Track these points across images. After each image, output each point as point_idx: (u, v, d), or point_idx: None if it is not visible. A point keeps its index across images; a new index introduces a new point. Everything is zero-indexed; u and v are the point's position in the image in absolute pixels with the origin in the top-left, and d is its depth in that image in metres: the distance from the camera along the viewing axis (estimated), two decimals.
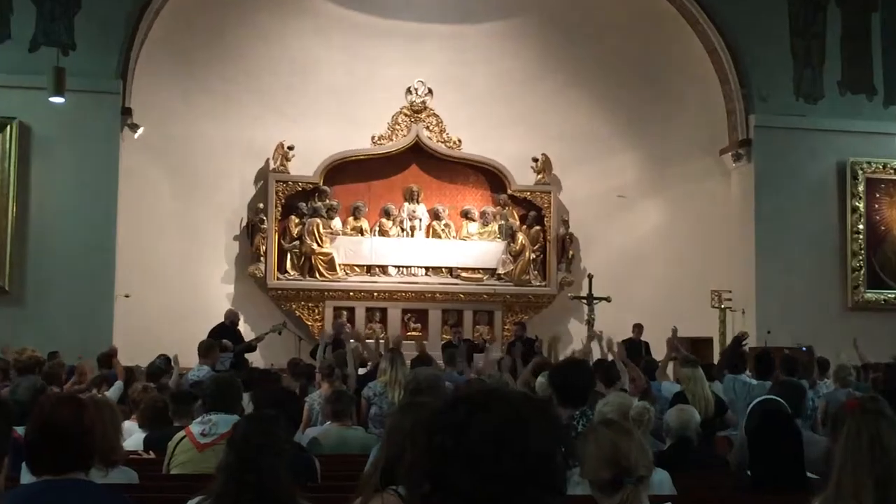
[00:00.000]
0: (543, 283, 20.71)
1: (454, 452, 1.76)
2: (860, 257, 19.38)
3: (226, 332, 16.23)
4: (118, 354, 12.89)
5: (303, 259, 19.81)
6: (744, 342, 13.29)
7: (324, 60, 20.28)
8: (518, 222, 20.81)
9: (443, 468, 1.77)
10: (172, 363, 11.55)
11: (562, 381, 5.75)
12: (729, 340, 18.03)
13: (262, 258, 19.51)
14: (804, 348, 14.61)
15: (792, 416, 5.56)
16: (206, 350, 12.04)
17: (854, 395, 9.13)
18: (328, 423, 7.90)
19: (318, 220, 19.83)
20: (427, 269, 20.50)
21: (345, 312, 19.69)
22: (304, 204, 19.92)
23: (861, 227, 19.41)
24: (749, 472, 5.39)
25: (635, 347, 16.54)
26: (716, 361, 16.71)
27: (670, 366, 11.92)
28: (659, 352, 16.34)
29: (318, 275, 19.79)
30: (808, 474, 5.14)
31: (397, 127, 20.53)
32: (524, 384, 9.29)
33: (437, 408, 1.87)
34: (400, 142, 20.49)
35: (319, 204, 19.96)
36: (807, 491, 4.91)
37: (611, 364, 9.67)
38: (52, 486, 3.53)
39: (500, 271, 20.58)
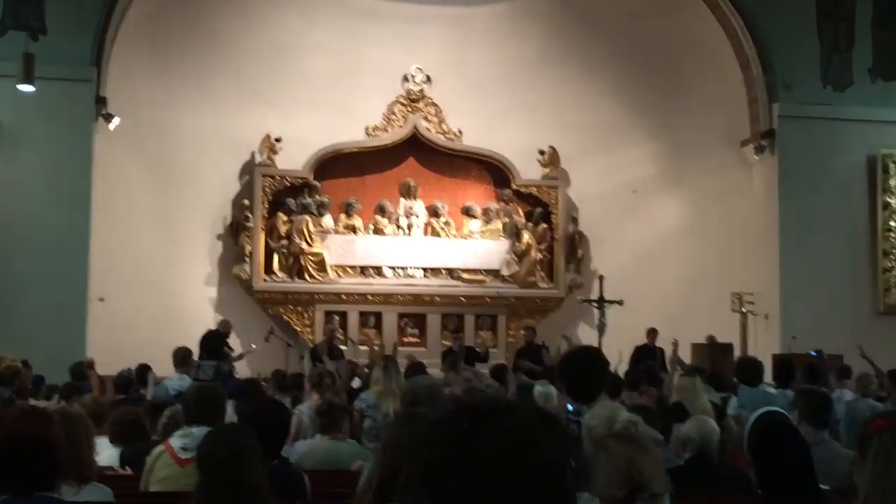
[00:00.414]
0: (551, 286, 20.70)
1: (459, 467, 1.76)
2: (892, 257, 19.37)
3: (218, 339, 16.19)
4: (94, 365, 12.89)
5: (291, 259, 19.81)
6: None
7: (313, 44, 20.27)
8: (523, 219, 20.81)
9: (446, 484, 1.76)
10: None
11: (571, 372, 5.72)
12: (752, 347, 18.07)
13: (247, 259, 19.51)
14: (814, 353, 14.54)
15: (794, 426, 5.54)
16: (182, 358, 12.02)
17: (876, 409, 9.13)
18: (318, 435, 7.90)
19: (308, 218, 19.83)
20: (425, 270, 20.50)
21: (336, 317, 19.70)
22: (293, 200, 19.92)
23: (893, 224, 19.40)
24: (759, 491, 5.39)
25: (649, 354, 16.55)
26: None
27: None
28: None
29: (307, 276, 19.80)
30: (822, 486, 5.14)
31: (393, 117, 20.53)
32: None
33: (438, 419, 1.86)
34: (396, 133, 20.49)
35: (309, 200, 19.97)
36: None
37: (615, 375, 9.66)
38: None
39: (504, 272, 20.57)
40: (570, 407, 5.63)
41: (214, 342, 15.69)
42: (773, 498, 5.09)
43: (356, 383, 12.34)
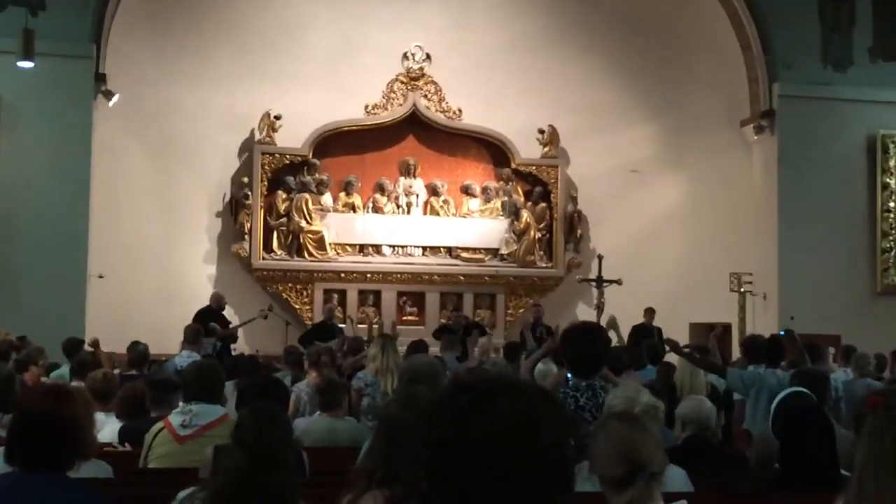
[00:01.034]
0: (549, 265, 20.69)
1: (456, 447, 1.75)
2: (891, 238, 19.36)
3: (211, 316, 16.19)
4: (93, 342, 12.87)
5: (290, 237, 19.78)
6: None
7: (313, 21, 20.20)
8: (522, 199, 20.78)
9: (443, 464, 1.76)
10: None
11: (572, 347, 5.73)
12: (749, 327, 18.07)
13: (246, 236, 19.48)
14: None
15: (822, 410, 5.54)
16: (194, 335, 12.03)
17: (873, 388, 9.14)
18: (317, 413, 7.92)
19: (307, 196, 19.80)
20: (424, 248, 20.48)
21: (335, 295, 19.70)
22: (292, 178, 19.89)
23: (892, 205, 19.37)
24: (779, 468, 5.38)
25: (646, 333, 16.54)
26: (735, 350, 16.78)
27: None
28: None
29: (306, 254, 19.78)
30: (842, 472, 5.15)
31: (393, 95, 20.47)
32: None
33: (437, 397, 1.85)
34: (395, 111, 20.44)
35: (308, 178, 19.93)
36: (838, 490, 4.91)
37: (620, 349, 9.67)
38: (22, 479, 3.55)
39: (503, 251, 20.56)
40: (569, 377, 5.66)
41: (203, 320, 15.71)
42: (794, 481, 5.09)
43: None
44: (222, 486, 3.83)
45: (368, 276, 20.05)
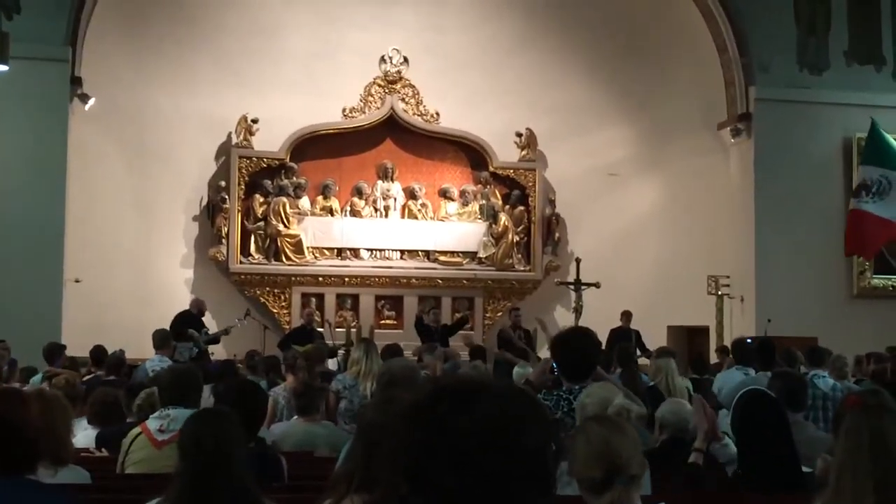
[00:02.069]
0: (528, 268, 20.71)
1: (436, 449, 1.75)
2: None
3: (191, 320, 16.18)
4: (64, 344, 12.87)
5: (268, 241, 19.75)
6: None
7: (290, 25, 20.17)
8: (500, 202, 20.80)
9: (423, 466, 1.75)
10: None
11: (565, 351, 5.74)
12: (727, 329, 18.12)
13: (223, 240, 19.43)
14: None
15: (778, 404, 5.57)
16: (162, 340, 12.03)
17: (852, 390, 9.19)
18: (294, 418, 7.90)
19: (285, 200, 19.77)
20: (402, 252, 20.47)
21: (313, 299, 19.67)
22: (270, 182, 19.85)
23: None
24: (738, 470, 5.41)
25: (624, 337, 16.55)
26: (713, 352, 16.83)
27: None
28: (650, 342, 16.41)
29: (284, 258, 19.75)
30: (804, 468, 5.16)
31: (370, 98, 20.45)
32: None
33: (416, 400, 1.85)
34: (373, 115, 20.42)
35: (286, 182, 19.90)
36: (802, 488, 4.92)
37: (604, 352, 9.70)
38: None
39: (481, 255, 20.57)
40: (554, 366, 5.68)
41: (182, 324, 15.69)
42: (752, 480, 5.10)
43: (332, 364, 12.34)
44: (175, 491, 3.92)
45: (346, 279, 20.03)
